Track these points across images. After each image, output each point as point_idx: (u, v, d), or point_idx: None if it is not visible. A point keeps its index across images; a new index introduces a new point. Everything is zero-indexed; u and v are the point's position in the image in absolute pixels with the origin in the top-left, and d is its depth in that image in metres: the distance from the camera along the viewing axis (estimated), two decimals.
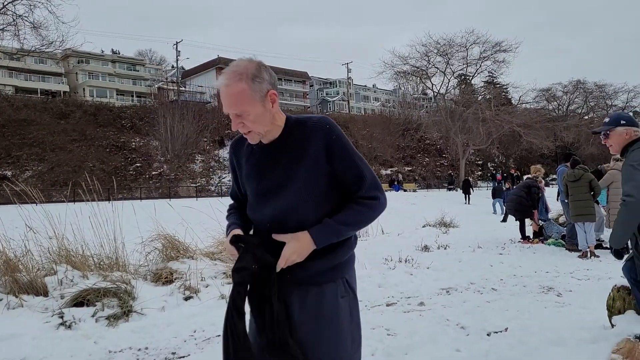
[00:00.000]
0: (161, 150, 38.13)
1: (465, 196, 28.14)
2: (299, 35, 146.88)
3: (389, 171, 45.03)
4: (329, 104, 69.55)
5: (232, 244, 1.70)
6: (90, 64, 54.40)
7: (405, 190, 36.58)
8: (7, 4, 21.18)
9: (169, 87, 53.99)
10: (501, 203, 20.76)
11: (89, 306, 4.15)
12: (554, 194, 13.75)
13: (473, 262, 7.13)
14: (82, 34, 60.53)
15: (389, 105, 68.54)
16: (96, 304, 4.18)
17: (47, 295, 4.32)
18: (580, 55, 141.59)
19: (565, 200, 8.35)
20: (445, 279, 5.99)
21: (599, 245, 7.88)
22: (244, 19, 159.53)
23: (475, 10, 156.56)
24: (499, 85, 50.32)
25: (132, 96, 53.59)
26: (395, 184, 37.54)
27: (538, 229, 9.52)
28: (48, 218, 4.97)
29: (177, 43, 49.97)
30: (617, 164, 7.71)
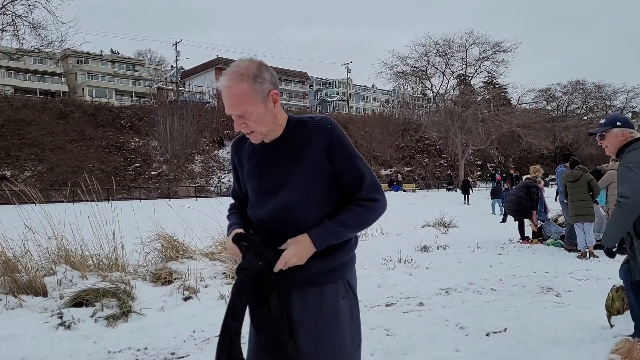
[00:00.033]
0: (160, 151, 38.11)
1: (465, 196, 28.20)
2: (299, 35, 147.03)
3: (389, 171, 45.05)
4: (329, 104, 69.55)
5: (234, 242, 1.70)
6: (90, 64, 54.38)
7: (404, 191, 36.60)
8: (6, 4, 21.17)
9: (168, 87, 53.99)
10: (500, 203, 20.81)
11: (88, 306, 4.15)
12: (553, 194, 13.76)
13: (472, 263, 7.14)
14: (81, 34, 60.88)
15: (389, 105, 68.50)
16: (95, 304, 4.17)
17: (46, 296, 4.31)
18: (580, 55, 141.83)
19: (564, 200, 8.37)
20: (444, 279, 6.00)
21: (598, 246, 7.87)
22: (243, 19, 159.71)
23: (475, 10, 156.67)
24: (498, 86, 50.36)
25: (132, 96, 53.56)
26: (395, 184, 37.57)
27: (537, 229, 9.53)
28: (47, 218, 4.96)
29: (177, 43, 50.00)
30: (616, 164, 7.67)
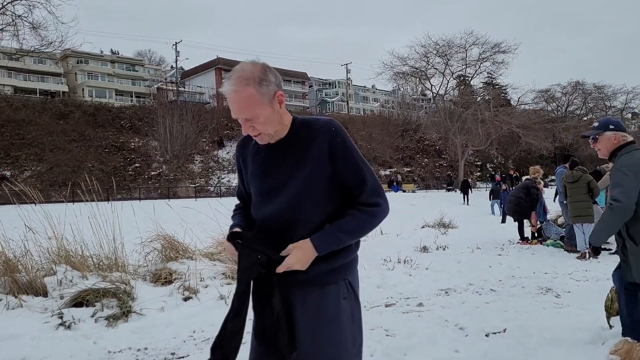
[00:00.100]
0: (160, 151, 38.10)
1: (464, 197, 28.21)
2: (299, 35, 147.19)
3: (388, 172, 45.02)
4: (328, 105, 69.55)
5: (230, 241, 1.70)
6: (90, 64, 54.41)
7: (404, 191, 36.60)
8: (7, 4, 21.18)
9: (168, 88, 54.00)
10: (499, 204, 20.81)
11: (89, 306, 4.16)
12: (552, 195, 13.76)
13: (472, 263, 7.14)
14: (82, 34, 60.79)
15: (388, 106, 68.50)
16: (95, 304, 4.18)
17: (47, 296, 4.32)
18: (580, 55, 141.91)
19: (563, 201, 8.37)
20: (444, 279, 6.00)
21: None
22: (243, 19, 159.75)
23: (475, 10, 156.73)
24: (498, 86, 50.38)
25: (131, 96, 53.57)
26: (394, 184, 37.56)
27: (537, 230, 9.54)
28: (47, 218, 4.96)
29: (177, 43, 50.04)
30: None
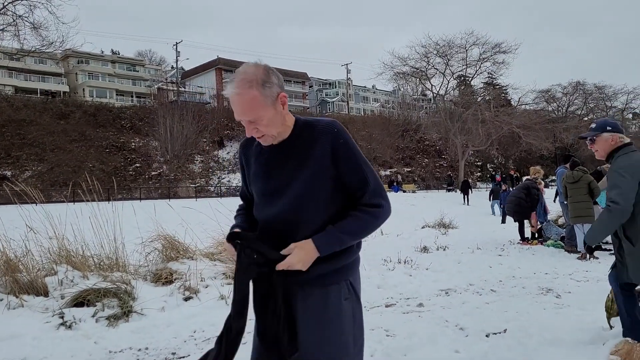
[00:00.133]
0: (161, 151, 38.11)
1: (464, 197, 28.20)
2: (299, 35, 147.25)
3: (388, 172, 45.02)
4: (328, 105, 69.52)
5: (229, 241, 1.71)
6: (90, 64, 54.44)
7: (404, 191, 36.60)
8: (7, 4, 21.23)
9: (168, 88, 54.04)
10: (499, 204, 20.79)
11: (89, 306, 4.16)
12: (552, 195, 13.76)
13: (472, 264, 7.14)
14: (82, 34, 60.82)
15: (389, 106, 68.48)
16: (96, 304, 4.19)
17: (48, 296, 4.33)
18: (580, 55, 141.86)
19: (564, 201, 8.37)
20: (444, 280, 6.00)
21: (598, 247, 7.88)
22: (243, 19, 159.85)
23: (475, 10, 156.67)
24: (498, 87, 50.38)
25: (132, 96, 53.60)
26: (395, 184, 37.58)
27: (537, 230, 9.54)
28: (48, 218, 4.97)
29: (177, 43, 50.07)
30: None
